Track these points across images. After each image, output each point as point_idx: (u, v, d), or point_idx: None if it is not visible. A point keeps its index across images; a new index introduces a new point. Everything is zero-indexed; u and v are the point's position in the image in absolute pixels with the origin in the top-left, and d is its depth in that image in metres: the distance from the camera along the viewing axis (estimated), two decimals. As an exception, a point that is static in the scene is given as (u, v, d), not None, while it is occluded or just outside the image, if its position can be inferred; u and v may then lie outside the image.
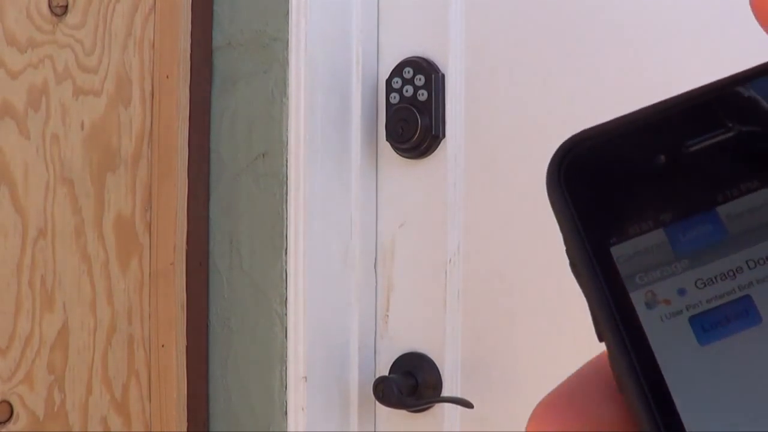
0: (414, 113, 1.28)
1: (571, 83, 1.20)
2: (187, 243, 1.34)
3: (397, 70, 1.31)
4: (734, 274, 0.20)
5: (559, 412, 0.20)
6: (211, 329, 1.38)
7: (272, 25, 1.32)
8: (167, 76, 1.34)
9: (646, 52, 1.16)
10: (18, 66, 1.36)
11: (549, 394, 0.21)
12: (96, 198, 1.36)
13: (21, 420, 1.35)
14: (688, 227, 0.21)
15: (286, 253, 1.30)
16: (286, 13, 1.30)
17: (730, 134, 0.21)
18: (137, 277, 1.36)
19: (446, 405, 1.28)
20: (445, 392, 1.28)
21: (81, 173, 1.36)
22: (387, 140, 1.31)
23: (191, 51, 1.34)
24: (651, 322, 0.20)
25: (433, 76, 1.28)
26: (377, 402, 1.29)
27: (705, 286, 0.20)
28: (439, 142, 1.29)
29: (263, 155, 1.33)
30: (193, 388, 1.35)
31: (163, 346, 1.34)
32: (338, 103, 1.32)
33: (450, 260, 1.28)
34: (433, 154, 1.30)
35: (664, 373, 0.20)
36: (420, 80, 1.29)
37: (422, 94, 1.29)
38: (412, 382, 1.30)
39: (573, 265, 0.21)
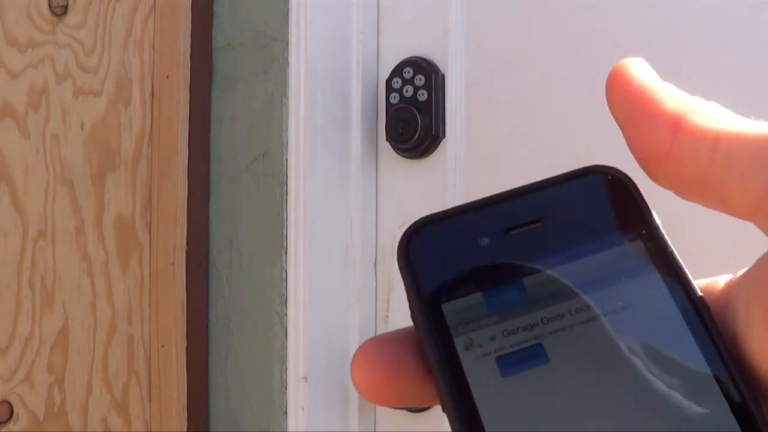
0: (414, 113, 1.28)
1: (570, 83, 1.20)
2: (187, 243, 1.34)
3: (397, 70, 1.31)
4: (531, 328, 0.27)
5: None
6: (211, 329, 1.38)
7: (272, 25, 1.32)
8: (167, 76, 1.34)
9: (645, 53, 1.16)
10: (18, 66, 1.36)
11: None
12: (96, 198, 1.36)
13: (21, 420, 1.35)
14: (501, 292, 0.27)
15: (286, 253, 1.30)
16: (286, 13, 1.30)
17: (538, 224, 0.28)
18: (137, 277, 1.36)
19: (446, 405, 1.28)
20: (445, 392, 1.28)
21: (81, 173, 1.36)
22: (387, 140, 1.31)
23: (191, 51, 1.34)
24: (468, 360, 0.27)
25: (433, 76, 1.28)
26: (377, 402, 1.29)
27: (509, 335, 0.27)
28: (439, 142, 1.29)
29: (263, 155, 1.33)
30: (193, 388, 1.35)
31: (163, 346, 1.34)
32: (338, 103, 1.32)
33: (450, 260, 1.28)
34: (433, 154, 1.30)
35: (474, 396, 0.26)
36: (420, 80, 1.29)
37: (422, 94, 1.29)
38: (412, 382, 1.29)
39: (413, 316, 0.28)
